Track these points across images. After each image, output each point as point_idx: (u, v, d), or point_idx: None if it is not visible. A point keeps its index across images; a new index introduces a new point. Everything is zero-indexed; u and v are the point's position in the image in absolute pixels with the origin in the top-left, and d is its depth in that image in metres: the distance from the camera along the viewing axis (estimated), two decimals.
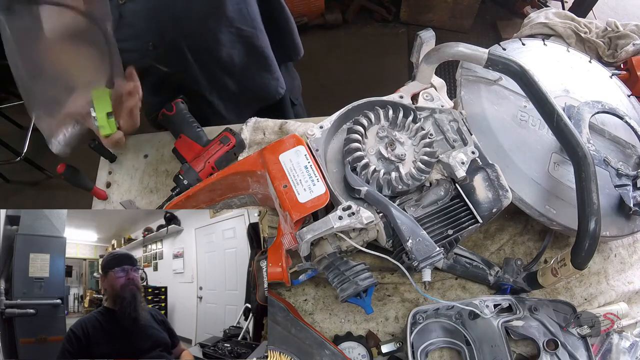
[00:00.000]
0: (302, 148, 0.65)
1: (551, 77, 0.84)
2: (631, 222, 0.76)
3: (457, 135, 0.70)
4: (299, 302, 0.79)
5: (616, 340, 0.74)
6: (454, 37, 2.21)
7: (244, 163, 0.70)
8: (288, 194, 0.62)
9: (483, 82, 0.80)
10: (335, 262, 0.65)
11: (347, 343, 0.73)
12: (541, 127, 0.78)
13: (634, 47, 1.16)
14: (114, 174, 0.96)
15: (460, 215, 0.64)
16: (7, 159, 2.19)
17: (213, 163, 0.86)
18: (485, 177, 0.66)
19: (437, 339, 0.73)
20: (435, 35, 0.75)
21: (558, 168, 0.75)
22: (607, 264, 0.84)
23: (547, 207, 0.71)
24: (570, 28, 1.27)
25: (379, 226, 0.64)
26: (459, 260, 0.78)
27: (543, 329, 0.71)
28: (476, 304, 0.69)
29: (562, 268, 0.66)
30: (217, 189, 0.72)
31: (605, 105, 0.82)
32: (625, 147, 0.83)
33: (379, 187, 0.64)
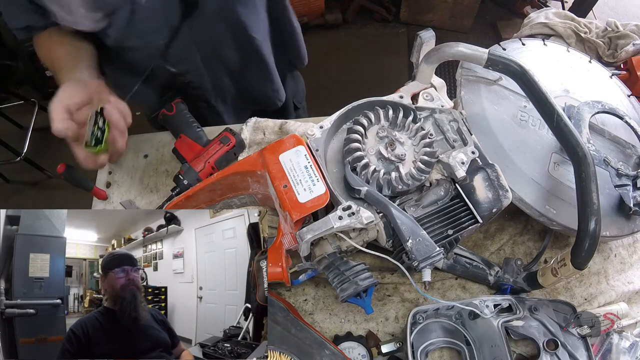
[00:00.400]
0: (302, 148, 0.65)
1: (551, 77, 0.84)
2: (631, 222, 0.76)
3: (457, 135, 0.70)
4: (299, 302, 0.79)
5: (616, 340, 0.74)
6: (454, 37, 2.21)
7: (244, 163, 0.70)
8: (288, 194, 0.62)
9: (483, 82, 0.80)
10: (335, 262, 0.65)
11: (347, 343, 0.73)
12: (541, 127, 0.78)
13: (634, 47, 1.16)
14: (114, 174, 0.96)
15: (460, 215, 0.64)
16: (7, 159, 2.19)
17: (213, 163, 0.86)
18: (485, 177, 0.66)
19: (437, 339, 0.73)
20: (435, 35, 0.75)
21: (558, 168, 0.75)
22: (607, 264, 0.84)
23: (547, 207, 0.71)
24: (570, 28, 1.27)
25: (379, 226, 0.64)
26: (459, 260, 0.78)
27: (543, 329, 0.71)
28: (476, 304, 0.69)
29: (562, 268, 0.66)
30: (217, 189, 0.72)
31: (605, 105, 0.82)
32: (625, 147, 0.83)
33: (379, 187, 0.64)
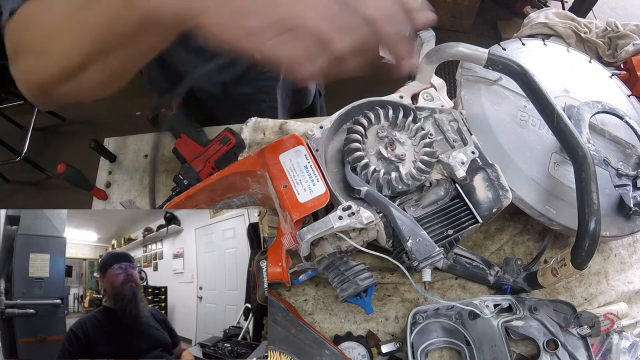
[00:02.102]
0: (302, 148, 0.65)
1: (551, 77, 0.84)
2: (631, 222, 0.76)
3: (457, 135, 0.70)
4: (299, 302, 0.79)
5: (616, 340, 0.74)
6: (454, 37, 2.21)
7: (244, 163, 0.70)
8: (288, 194, 0.62)
9: (483, 82, 0.80)
10: (335, 262, 0.65)
11: (347, 343, 0.73)
12: (541, 127, 0.78)
13: (634, 47, 1.16)
14: (114, 174, 0.96)
15: (460, 215, 0.64)
16: (7, 159, 2.20)
17: (213, 163, 0.86)
18: (485, 177, 0.66)
19: (437, 339, 0.73)
20: (435, 35, 0.75)
21: (558, 168, 0.75)
22: (607, 264, 0.84)
23: (547, 207, 0.71)
24: (570, 28, 1.27)
25: (379, 226, 0.64)
26: (459, 260, 0.78)
27: (543, 329, 0.71)
28: (476, 304, 0.69)
29: (562, 268, 0.66)
30: (217, 189, 0.72)
31: (605, 105, 0.82)
32: (625, 147, 0.83)
33: (379, 187, 0.64)
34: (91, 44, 0.43)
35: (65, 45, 0.44)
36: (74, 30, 0.43)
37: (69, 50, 0.44)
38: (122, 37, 0.42)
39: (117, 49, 0.44)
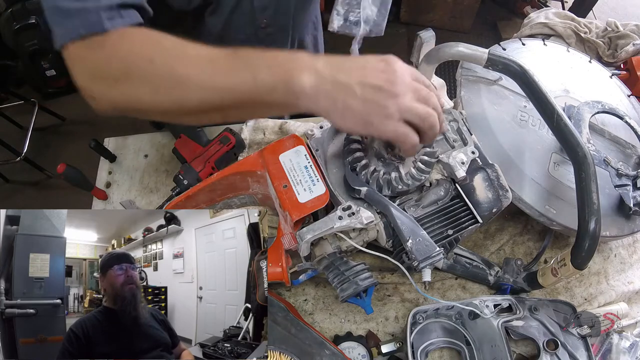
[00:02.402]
0: (302, 148, 0.65)
1: (551, 77, 0.84)
2: (631, 222, 0.76)
3: (457, 135, 0.70)
4: (299, 302, 0.79)
5: (616, 340, 0.74)
6: (454, 37, 2.21)
7: (244, 163, 0.70)
8: (288, 194, 0.62)
9: (483, 82, 0.80)
10: (335, 262, 0.65)
11: (347, 343, 0.73)
12: (541, 127, 0.78)
13: (634, 47, 1.16)
14: (114, 174, 0.96)
15: (460, 215, 0.64)
16: (7, 159, 2.20)
17: (213, 163, 0.86)
18: (485, 177, 0.66)
19: (437, 339, 0.73)
20: (435, 35, 0.75)
21: (558, 168, 0.75)
22: (607, 264, 0.84)
23: (547, 207, 0.71)
24: (570, 28, 1.27)
25: (379, 226, 0.64)
26: (459, 260, 0.78)
27: (543, 329, 0.71)
28: (476, 304, 0.69)
29: (562, 268, 0.66)
30: (217, 189, 0.72)
31: (605, 105, 0.82)
32: (625, 147, 0.83)
33: (379, 187, 0.64)
34: (230, 102, 0.51)
35: (198, 95, 0.50)
36: (216, 84, 0.50)
37: (201, 99, 0.51)
38: (258, 105, 0.52)
39: (247, 109, 0.54)
